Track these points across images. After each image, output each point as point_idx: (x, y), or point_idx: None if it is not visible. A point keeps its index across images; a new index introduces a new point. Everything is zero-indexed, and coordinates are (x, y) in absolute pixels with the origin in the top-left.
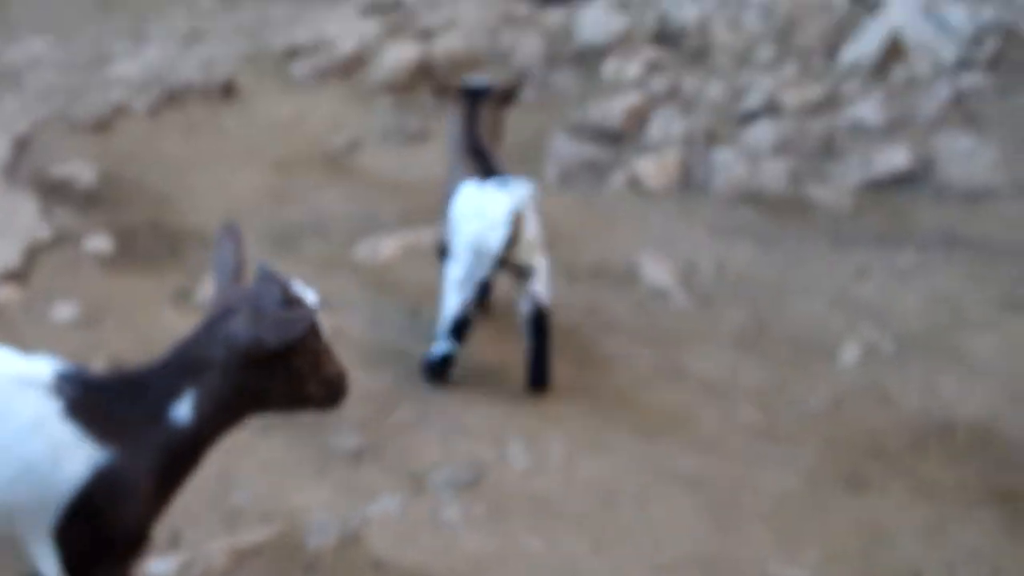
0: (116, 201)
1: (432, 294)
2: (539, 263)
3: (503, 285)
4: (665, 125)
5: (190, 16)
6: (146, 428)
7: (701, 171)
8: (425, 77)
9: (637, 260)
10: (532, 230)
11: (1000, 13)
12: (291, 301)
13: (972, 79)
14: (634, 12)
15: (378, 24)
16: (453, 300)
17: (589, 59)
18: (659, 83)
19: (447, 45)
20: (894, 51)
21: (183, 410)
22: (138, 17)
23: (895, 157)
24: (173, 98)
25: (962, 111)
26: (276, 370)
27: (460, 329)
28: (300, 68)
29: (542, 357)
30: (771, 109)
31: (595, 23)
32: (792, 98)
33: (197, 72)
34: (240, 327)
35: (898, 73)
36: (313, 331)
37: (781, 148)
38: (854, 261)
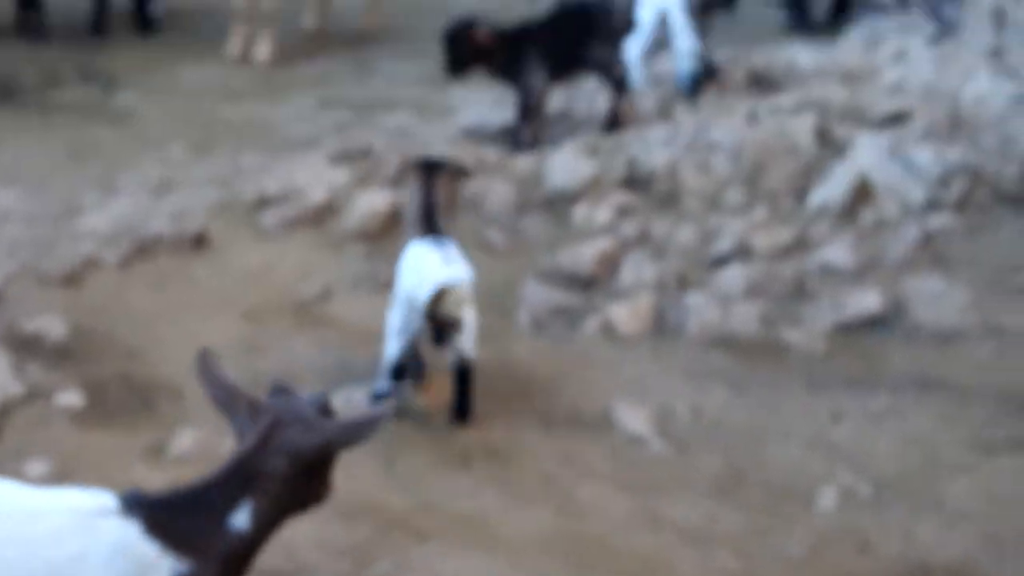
0: (87, 355)
1: (409, 442)
2: (468, 315)
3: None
4: (636, 270)
5: (161, 166)
6: (211, 538)
7: (674, 316)
8: (396, 224)
9: (612, 406)
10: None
11: (966, 155)
12: (326, 410)
13: (940, 220)
14: (603, 157)
15: (348, 172)
16: (393, 346)
17: (559, 205)
18: (629, 228)
19: None
20: (862, 194)
21: (241, 519)
22: (109, 167)
23: (865, 300)
24: (144, 249)
25: (931, 253)
26: (320, 472)
27: (398, 373)
28: (270, 217)
29: (465, 399)
30: (741, 253)
31: (564, 168)
32: (762, 241)
33: (168, 223)
34: (298, 436)
35: (866, 215)
36: None
37: (752, 292)
38: (828, 405)
